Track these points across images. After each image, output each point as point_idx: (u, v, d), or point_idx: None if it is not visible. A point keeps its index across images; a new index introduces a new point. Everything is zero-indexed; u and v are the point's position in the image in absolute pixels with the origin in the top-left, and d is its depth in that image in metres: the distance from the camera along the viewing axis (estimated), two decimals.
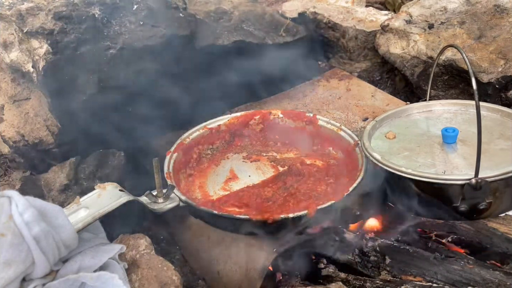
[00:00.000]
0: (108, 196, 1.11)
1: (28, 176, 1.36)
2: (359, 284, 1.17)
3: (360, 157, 1.32)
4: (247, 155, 1.50)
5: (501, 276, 1.14)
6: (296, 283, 1.20)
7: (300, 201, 1.27)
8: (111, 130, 1.38)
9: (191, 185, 1.38)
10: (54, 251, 0.93)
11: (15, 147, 1.33)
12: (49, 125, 1.36)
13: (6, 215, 0.88)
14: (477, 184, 1.08)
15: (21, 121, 1.34)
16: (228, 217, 1.18)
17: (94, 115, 1.37)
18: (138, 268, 1.08)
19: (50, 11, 1.34)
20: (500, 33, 1.64)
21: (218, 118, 1.52)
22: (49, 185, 1.37)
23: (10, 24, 1.36)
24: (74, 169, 1.40)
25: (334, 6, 2.08)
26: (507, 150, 1.21)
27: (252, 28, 1.78)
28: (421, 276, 1.17)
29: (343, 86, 1.84)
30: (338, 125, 1.46)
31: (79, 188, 1.40)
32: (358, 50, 1.96)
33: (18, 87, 1.36)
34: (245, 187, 1.35)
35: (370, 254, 1.24)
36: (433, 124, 1.38)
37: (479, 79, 1.55)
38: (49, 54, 1.32)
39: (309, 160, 1.46)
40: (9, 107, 1.37)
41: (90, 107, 1.38)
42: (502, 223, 1.32)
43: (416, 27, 1.77)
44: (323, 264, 1.23)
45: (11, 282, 0.88)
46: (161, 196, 1.19)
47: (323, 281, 1.21)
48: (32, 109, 1.37)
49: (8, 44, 1.36)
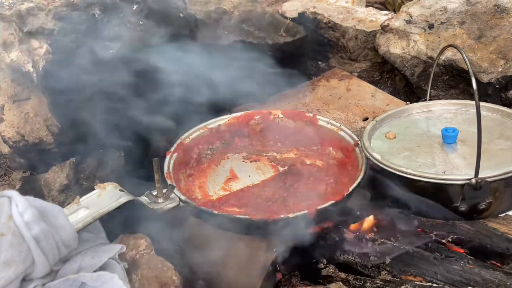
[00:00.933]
0: (108, 196, 1.11)
1: (28, 176, 1.36)
2: (359, 284, 1.17)
3: (360, 157, 1.32)
4: (247, 155, 1.50)
5: (501, 276, 1.14)
6: (296, 283, 1.20)
7: (300, 201, 1.27)
8: (111, 130, 1.38)
9: (191, 185, 1.38)
10: (54, 251, 0.93)
11: (15, 147, 1.33)
12: (49, 125, 1.36)
13: (6, 215, 0.88)
14: (477, 184, 1.08)
15: (21, 121, 1.34)
16: (228, 217, 1.18)
17: (94, 115, 1.37)
18: (138, 268, 1.08)
19: (50, 11, 1.34)
20: (500, 33, 1.64)
21: (218, 118, 1.52)
22: (49, 185, 1.37)
23: (10, 24, 1.36)
24: (74, 169, 1.40)
25: (334, 6, 2.08)
26: (507, 150, 1.21)
27: (252, 28, 1.78)
28: (421, 276, 1.17)
29: (343, 86, 1.84)
30: (338, 125, 1.46)
31: (79, 188, 1.39)
32: (358, 50, 1.96)
33: (18, 87, 1.36)
34: (245, 187, 1.35)
35: (370, 254, 1.24)
36: (433, 124, 1.38)
37: (479, 79, 1.55)
38: (49, 54, 1.32)
39: (309, 160, 1.46)
40: (9, 107, 1.36)
41: (90, 107, 1.38)
42: (502, 223, 1.32)
43: (416, 27, 1.77)
44: (323, 264, 1.23)
45: (11, 282, 0.88)
46: (161, 196, 1.19)
47: (323, 281, 1.21)
48: (32, 109, 1.37)
49: (8, 44, 1.36)
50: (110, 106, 1.40)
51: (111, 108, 1.40)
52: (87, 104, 1.39)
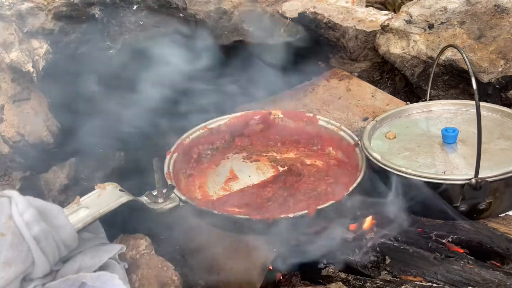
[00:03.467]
0: (108, 196, 1.11)
1: (28, 176, 1.36)
2: (359, 284, 1.17)
3: (360, 157, 1.32)
4: (247, 155, 1.50)
5: (501, 276, 1.14)
6: (296, 283, 1.20)
7: (300, 201, 1.27)
8: (111, 130, 1.38)
9: (191, 185, 1.38)
10: (54, 251, 0.93)
11: (15, 147, 1.33)
12: (49, 125, 1.36)
13: (6, 215, 0.88)
14: (477, 184, 1.08)
15: (21, 121, 1.34)
16: (228, 217, 1.18)
17: (94, 115, 1.37)
18: (138, 268, 1.08)
19: (50, 11, 1.34)
20: (500, 33, 1.64)
21: (218, 118, 1.52)
22: (49, 185, 1.37)
23: (10, 24, 1.36)
24: (74, 169, 1.40)
25: (334, 6, 2.07)
26: (507, 150, 1.21)
27: (252, 28, 1.77)
28: (421, 276, 1.18)
29: (343, 86, 1.84)
30: (338, 125, 1.46)
31: (79, 188, 1.39)
32: (358, 50, 1.96)
33: (18, 87, 1.36)
34: (245, 187, 1.35)
35: (370, 254, 1.24)
36: (433, 124, 1.38)
37: (479, 79, 1.55)
38: (49, 54, 1.32)
39: (309, 160, 1.46)
40: (9, 107, 1.36)
41: (90, 107, 1.38)
42: (502, 223, 1.32)
43: (416, 27, 1.77)
44: (323, 264, 1.23)
45: (11, 282, 0.88)
46: (161, 196, 1.19)
47: (323, 281, 1.21)
48: (32, 109, 1.37)
49: (8, 44, 1.36)
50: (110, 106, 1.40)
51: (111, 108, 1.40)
52: (87, 104, 1.39)
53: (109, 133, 1.38)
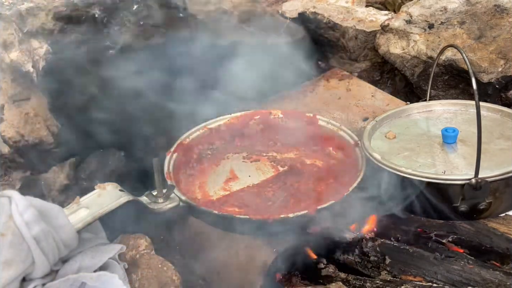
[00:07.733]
0: (108, 196, 1.11)
1: (28, 176, 1.36)
2: (359, 284, 1.17)
3: (360, 157, 1.32)
4: (247, 155, 1.50)
5: (501, 276, 1.14)
6: (296, 283, 1.20)
7: (300, 201, 1.27)
8: (111, 130, 1.38)
9: (191, 185, 1.38)
10: (54, 251, 0.93)
11: (15, 146, 1.33)
12: (49, 125, 1.36)
13: (6, 215, 0.88)
14: (477, 184, 1.08)
15: (21, 121, 1.34)
16: (228, 217, 1.18)
17: (94, 115, 1.37)
18: (138, 268, 1.08)
19: (50, 11, 1.34)
20: (500, 33, 1.64)
21: (218, 118, 1.52)
22: (49, 185, 1.37)
23: (10, 24, 1.36)
24: (74, 169, 1.40)
25: (334, 6, 2.08)
26: (507, 150, 1.21)
27: (252, 28, 1.77)
28: (421, 276, 1.18)
29: (343, 86, 1.84)
30: (338, 125, 1.46)
31: (79, 188, 1.39)
32: (358, 50, 1.96)
33: (18, 87, 1.36)
34: (245, 187, 1.35)
35: (370, 254, 1.24)
36: (433, 124, 1.38)
37: (479, 79, 1.55)
38: (49, 54, 1.32)
39: (309, 160, 1.46)
40: (9, 107, 1.36)
41: (90, 107, 1.38)
42: (502, 223, 1.32)
43: (416, 27, 1.77)
44: (323, 264, 1.23)
45: (11, 282, 0.88)
46: (161, 196, 1.19)
47: (323, 281, 1.21)
48: (32, 109, 1.36)
49: (8, 44, 1.36)
50: (111, 106, 1.40)
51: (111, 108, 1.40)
52: (87, 104, 1.39)
53: (109, 133, 1.38)
